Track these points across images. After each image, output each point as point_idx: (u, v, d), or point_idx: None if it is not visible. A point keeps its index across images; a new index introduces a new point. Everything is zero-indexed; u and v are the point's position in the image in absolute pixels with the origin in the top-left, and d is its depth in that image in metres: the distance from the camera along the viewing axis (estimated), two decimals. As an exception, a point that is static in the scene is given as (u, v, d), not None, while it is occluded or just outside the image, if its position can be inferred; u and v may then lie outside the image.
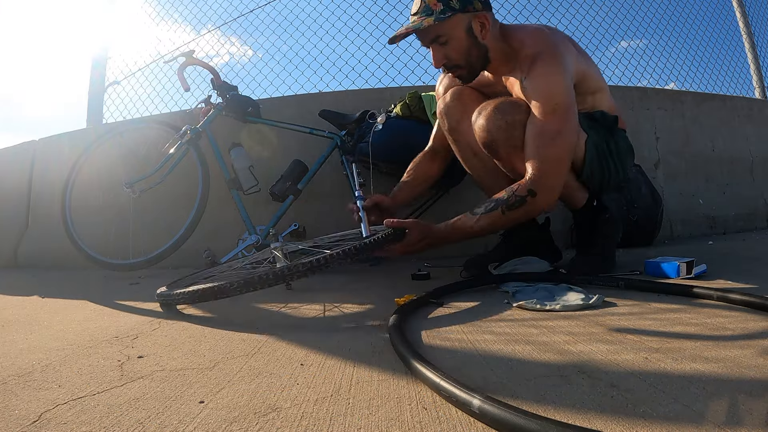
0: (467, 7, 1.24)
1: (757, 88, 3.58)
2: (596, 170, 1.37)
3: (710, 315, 0.88)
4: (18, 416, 0.55)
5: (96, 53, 3.34)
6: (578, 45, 1.41)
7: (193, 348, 0.82)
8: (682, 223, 2.55)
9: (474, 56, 1.30)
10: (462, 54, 1.29)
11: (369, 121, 1.92)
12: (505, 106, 1.29)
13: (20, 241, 2.80)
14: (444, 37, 1.26)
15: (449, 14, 1.22)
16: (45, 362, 0.76)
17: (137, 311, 1.19)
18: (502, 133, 1.28)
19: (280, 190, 1.93)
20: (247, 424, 0.50)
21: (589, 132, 1.35)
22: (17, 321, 1.14)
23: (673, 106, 2.80)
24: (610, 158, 1.38)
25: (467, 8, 1.24)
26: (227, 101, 2.04)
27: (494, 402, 0.46)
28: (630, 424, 0.46)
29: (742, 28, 3.63)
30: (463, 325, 0.89)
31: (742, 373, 0.57)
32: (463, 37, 1.26)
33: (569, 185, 1.38)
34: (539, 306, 0.99)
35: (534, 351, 0.71)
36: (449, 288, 1.19)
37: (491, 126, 1.29)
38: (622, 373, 0.59)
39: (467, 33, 1.26)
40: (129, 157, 2.38)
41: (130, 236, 2.10)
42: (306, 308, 1.14)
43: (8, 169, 3.06)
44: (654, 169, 2.63)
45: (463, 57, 1.29)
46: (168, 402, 0.58)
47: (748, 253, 1.74)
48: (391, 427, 0.48)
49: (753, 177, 2.97)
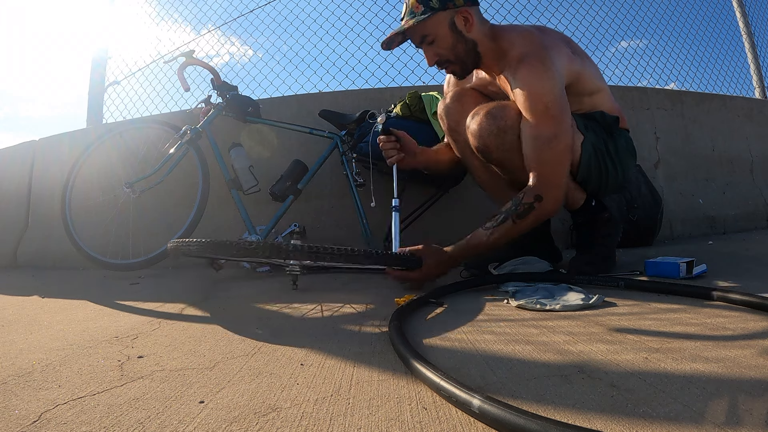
0: (447, 5, 1.27)
1: (757, 88, 3.58)
2: (593, 171, 1.36)
3: (710, 315, 0.88)
4: (18, 416, 0.55)
5: (96, 53, 3.34)
6: (576, 45, 1.40)
7: (193, 348, 0.82)
8: (682, 223, 2.55)
9: (461, 51, 1.32)
10: (449, 49, 1.32)
11: (369, 121, 1.92)
12: (496, 111, 1.29)
13: (20, 241, 2.79)
14: (430, 36, 1.30)
15: (429, 14, 1.26)
16: (45, 362, 0.76)
17: (137, 311, 1.19)
18: (493, 138, 1.29)
19: (280, 190, 1.93)
20: (247, 424, 0.50)
21: (587, 133, 1.34)
22: (17, 321, 1.14)
23: (672, 105, 2.80)
24: (608, 159, 1.37)
25: (447, 6, 1.27)
26: (227, 101, 2.04)
27: (494, 402, 0.46)
28: (630, 424, 0.46)
29: (742, 28, 3.63)
30: (463, 325, 0.89)
31: (742, 373, 0.57)
32: (448, 33, 1.30)
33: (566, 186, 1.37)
34: (539, 306, 0.99)
35: (534, 351, 0.71)
36: (449, 288, 1.19)
37: (483, 132, 1.30)
38: (622, 373, 0.59)
39: (451, 29, 1.29)
40: (129, 157, 2.38)
41: (130, 236, 2.10)
42: (306, 308, 1.14)
43: (8, 169, 3.06)
44: (654, 169, 2.63)
45: (451, 52, 1.32)
46: (168, 402, 0.58)
47: (748, 253, 1.74)
48: (391, 427, 0.48)
49: (753, 177, 2.97)
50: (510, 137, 1.27)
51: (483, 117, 1.30)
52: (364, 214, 2.01)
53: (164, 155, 2.02)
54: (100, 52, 3.35)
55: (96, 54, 3.34)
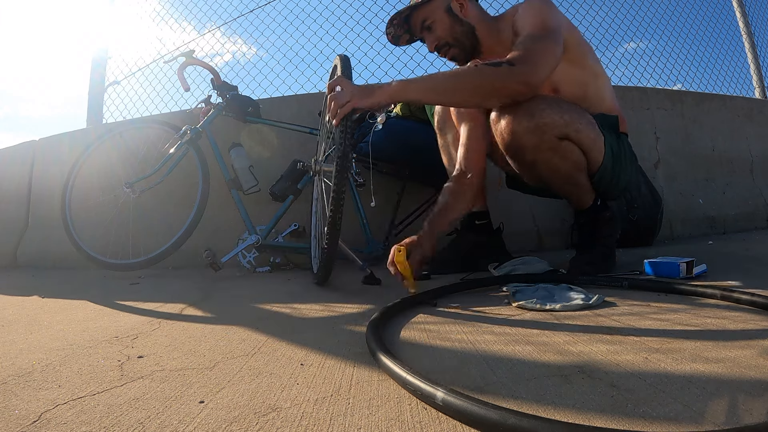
0: None
1: (757, 88, 3.58)
2: (608, 173, 1.36)
3: (710, 315, 0.88)
4: (18, 416, 0.55)
5: (96, 53, 3.34)
6: None
7: (193, 348, 0.82)
8: (682, 223, 2.55)
9: (458, 32, 1.42)
10: (447, 31, 1.42)
11: (369, 121, 1.92)
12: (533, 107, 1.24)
13: (20, 241, 2.79)
14: (429, 20, 1.42)
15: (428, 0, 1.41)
16: (45, 362, 0.76)
17: (137, 311, 1.19)
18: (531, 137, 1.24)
19: (280, 190, 1.93)
20: (247, 424, 0.50)
21: (605, 133, 1.34)
22: (17, 321, 1.14)
23: (673, 105, 2.80)
24: (621, 162, 1.38)
25: None
26: (227, 101, 2.04)
27: (457, 394, 0.48)
28: (630, 424, 0.46)
29: (742, 28, 3.63)
30: (463, 325, 0.89)
31: (742, 373, 0.57)
32: (445, 16, 1.41)
33: (582, 186, 1.37)
34: (539, 306, 0.99)
35: (534, 351, 0.71)
36: (449, 288, 1.19)
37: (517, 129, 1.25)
38: (622, 373, 0.59)
39: (447, 12, 1.41)
40: (129, 157, 2.38)
41: (130, 236, 2.10)
42: (306, 308, 1.14)
43: (8, 169, 3.06)
44: (654, 169, 2.63)
45: (449, 33, 1.42)
46: (168, 402, 0.57)
47: (748, 253, 1.74)
48: (391, 427, 0.48)
49: (753, 177, 2.97)
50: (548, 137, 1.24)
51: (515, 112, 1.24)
52: (364, 214, 2.01)
53: (164, 155, 2.02)
54: (100, 52, 3.35)
55: (96, 54, 3.34)
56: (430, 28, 1.42)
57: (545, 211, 2.33)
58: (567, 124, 1.25)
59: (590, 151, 1.31)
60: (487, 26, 1.42)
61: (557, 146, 1.26)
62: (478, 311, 1.01)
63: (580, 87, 1.37)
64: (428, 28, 1.43)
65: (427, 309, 1.05)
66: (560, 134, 1.25)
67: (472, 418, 0.46)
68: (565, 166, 1.30)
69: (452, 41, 1.42)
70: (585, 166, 1.33)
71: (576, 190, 1.38)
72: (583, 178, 1.35)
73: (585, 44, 1.41)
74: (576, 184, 1.36)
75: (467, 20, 1.41)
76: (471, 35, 1.41)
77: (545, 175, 1.34)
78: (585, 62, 1.38)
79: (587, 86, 1.39)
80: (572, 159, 1.30)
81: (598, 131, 1.32)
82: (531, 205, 2.33)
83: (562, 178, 1.34)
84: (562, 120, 1.24)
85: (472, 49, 1.43)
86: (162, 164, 2.03)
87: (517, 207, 2.28)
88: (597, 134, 1.31)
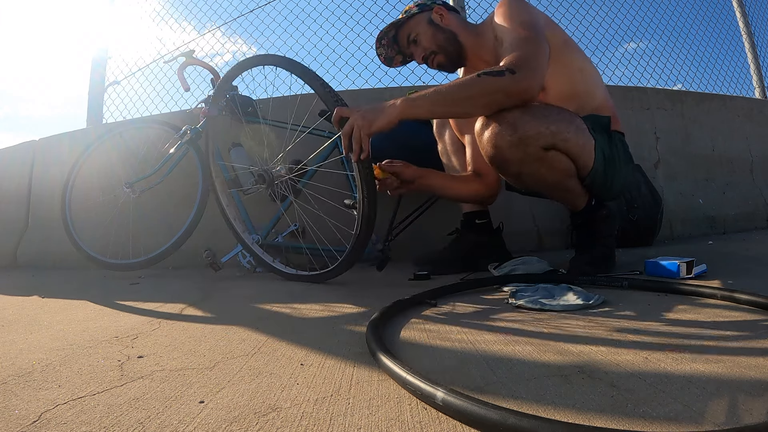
0: (423, 9, 1.49)
1: (757, 88, 3.57)
2: (599, 177, 1.34)
3: (710, 315, 0.88)
4: (18, 416, 0.55)
5: (96, 53, 3.34)
6: None
7: (193, 348, 0.82)
8: (682, 223, 2.55)
9: (442, 39, 1.47)
10: (431, 40, 1.48)
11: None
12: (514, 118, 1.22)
13: (20, 241, 2.79)
14: (413, 33, 1.49)
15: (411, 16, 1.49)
16: (45, 362, 0.76)
17: (137, 311, 1.19)
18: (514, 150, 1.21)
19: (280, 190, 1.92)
20: (247, 424, 0.50)
21: (596, 136, 1.32)
22: (17, 321, 1.14)
23: (672, 106, 2.80)
24: (615, 164, 1.37)
25: (423, 9, 1.49)
26: (227, 101, 2.04)
27: (457, 394, 0.48)
28: (630, 424, 0.46)
29: (742, 28, 3.62)
30: (463, 325, 0.89)
31: (742, 373, 0.57)
32: (427, 27, 1.48)
33: (573, 190, 1.36)
34: (539, 306, 0.99)
35: (534, 351, 0.71)
36: (449, 288, 1.19)
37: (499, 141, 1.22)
38: (622, 373, 0.59)
39: (429, 23, 1.48)
40: (129, 157, 2.38)
41: (130, 236, 2.10)
42: (306, 308, 1.14)
43: (8, 169, 3.06)
44: (654, 169, 2.62)
45: (433, 42, 1.47)
46: (168, 402, 0.58)
47: (748, 253, 1.74)
48: (391, 427, 0.48)
49: (753, 177, 2.97)
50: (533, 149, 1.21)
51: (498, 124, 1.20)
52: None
53: (164, 155, 2.02)
54: (100, 52, 3.35)
55: (96, 54, 3.34)
56: (416, 41, 1.49)
57: (545, 211, 2.33)
58: (553, 134, 1.21)
59: (579, 157, 1.28)
60: (469, 33, 1.47)
61: (543, 157, 1.23)
62: (478, 311, 1.01)
63: (568, 84, 1.37)
64: (414, 42, 1.50)
65: (427, 309, 1.05)
66: (546, 144, 1.22)
67: (472, 418, 0.46)
68: (553, 175, 1.28)
69: (437, 49, 1.47)
70: (575, 173, 1.31)
71: (568, 195, 1.38)
72: (574, 184, 1.34)
73: (566, 39, 1.40)
74: (566, 190, 1.35)
75: (449, 28, 1.47)
76: (454, 41, 1.46)
77: (533, 185, 1.35)
78: (568, 58, 1.38)
79: (575, 83, 1.38)
80: (560, 168, 1.28)
81: (588, 136, 1.28)
82: (531, 205, 2.33)
83: (550, 186, 1.34)
84: (548, 131, 1.20)
85: (457, 55, 1.48)
86: (162, 164, 2.03)
87: (517, 207, 2.28)
88: (587, 139, 1.28)
